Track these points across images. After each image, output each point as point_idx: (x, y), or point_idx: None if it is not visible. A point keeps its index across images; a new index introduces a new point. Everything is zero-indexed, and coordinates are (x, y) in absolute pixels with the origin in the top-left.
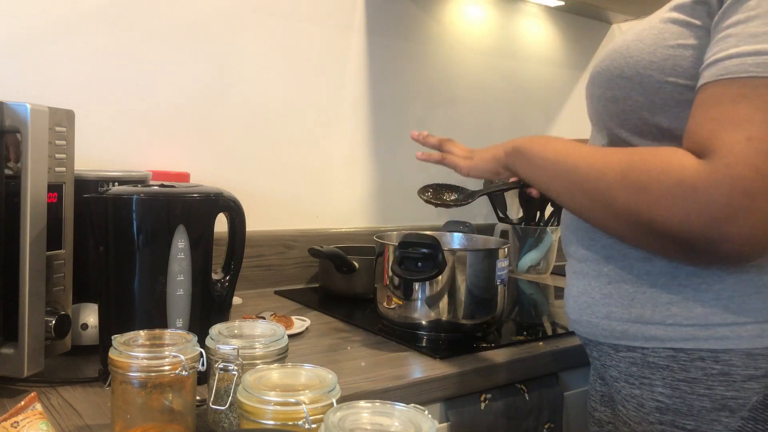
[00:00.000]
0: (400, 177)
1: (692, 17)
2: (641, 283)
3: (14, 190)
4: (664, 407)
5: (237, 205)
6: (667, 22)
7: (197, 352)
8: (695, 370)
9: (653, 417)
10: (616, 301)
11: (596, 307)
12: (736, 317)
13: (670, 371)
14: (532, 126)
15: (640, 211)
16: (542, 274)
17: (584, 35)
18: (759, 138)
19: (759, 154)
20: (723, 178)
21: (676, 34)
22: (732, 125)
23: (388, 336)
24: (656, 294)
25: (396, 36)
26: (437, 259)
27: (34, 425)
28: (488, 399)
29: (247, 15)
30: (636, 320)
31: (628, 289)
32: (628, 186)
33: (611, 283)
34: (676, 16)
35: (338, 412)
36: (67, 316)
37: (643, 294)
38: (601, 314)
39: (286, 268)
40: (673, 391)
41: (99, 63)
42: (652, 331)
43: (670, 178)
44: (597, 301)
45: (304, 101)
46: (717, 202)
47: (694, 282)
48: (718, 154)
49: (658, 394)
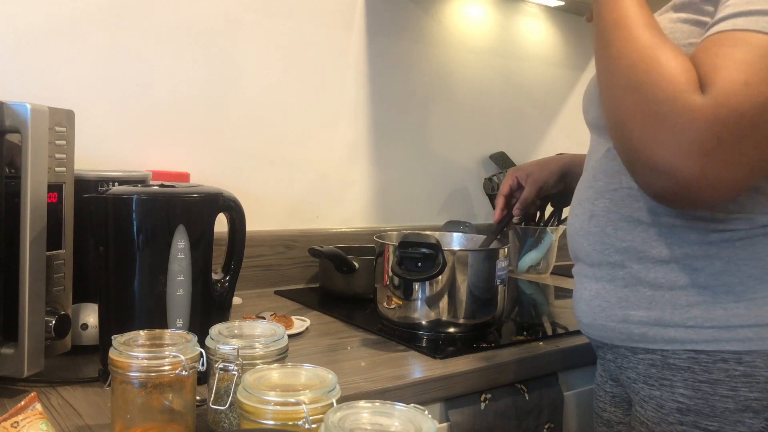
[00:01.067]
0: (400, 177)
1: (702, 15)
2: (659, 286)
3: (14, 190)
4: (685, 408)
5: (237, 205)
6: (677, 22)
7: (197, 352)
8: (717, 371)
9: (673, 417)
10: (633, 304)
11: (612, 310)
12: (758, 319)
13: (691, 372)
14: (532, 126)
15: (631, 112)
16: (542, 274)
17: (584, 35)
18: (755, 84)
19: (751, 100)
20: (713, 114)
21: (687, 33)
22: (733, 65)
23: (388, 336)
24: (675, 296)
25: (396, 36)
26: (437, 259)
27: (34, 425)
28: (488, 399)
29: (247, 15)
30: (655, 323)
31: (645, 292)
32: (630, 82)
33: (627, 286)
34: (686, 16)
35: (338, 412)
36: (67, 316)
37: (662, 297)
38: (618, 317)
39: (286, 268)
40: (695, 392)
41: (99, 63)
42: (672, 334)
43: (667, 95)
44: (612, 304)
45: (304, 101)
46: (701, 131)
47: (714, 284)
48: (715, 91)
49: (679, 395)
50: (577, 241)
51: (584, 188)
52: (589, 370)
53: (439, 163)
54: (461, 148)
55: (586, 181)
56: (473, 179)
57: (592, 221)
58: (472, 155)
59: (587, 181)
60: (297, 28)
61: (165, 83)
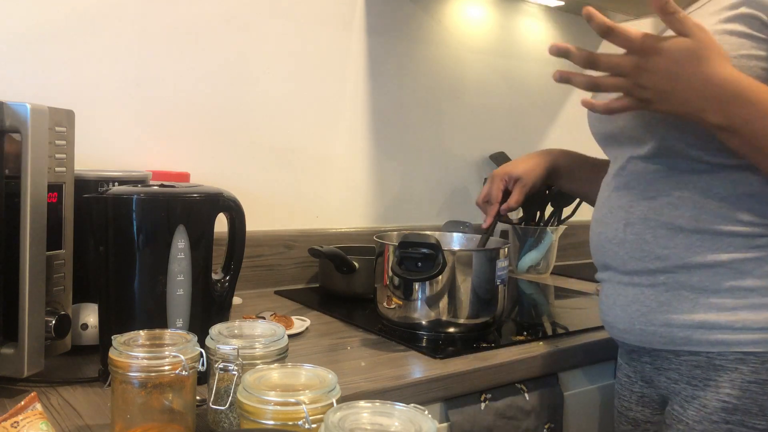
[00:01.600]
0: (400, 177)
1: (752, 29)
2: (703, 289)
3: (14, 190)
4: (732, 407)
5: (237, 205)
6: (725, 34)
7: (197, 352)
8: (766, 372)
9: (717, 416)
10: (676, 308)
11: (652, 315)
12: None
13: (739, 373)
14: (532, 126)
15: None
16: (542, 274)
17: (584, 35)
18: None
19: None
20: None
21: (737, 45)
22: None
23: (388, 336)
24: (721, 300)
25: (396, 36)
26: (437, 259)
27: (34, 425)
28: (488, 399)
29: (247, 16)
30: (699, 326)
31: (688, 296)
32: None
33: (669, 291)
34: (735, 27)
35: (338, 412)
36: (67, 316)
37: (706, 300)
38: (659, 322)
39: (286, 268)
40: (743, 393)
41: (99, 63)
42: (718, 336)
43: None
44: (653, 309)
45: (304, 101)
46: None
47: (761, 286)
48: None
49: (725, 395)
50: (609, 249)
51: (613, 197)
52: (589, 370)
53: (439, 163)
54: (461, 148)
55: (614, 190)
56: (473, 179)
57: (628, 229)
58: (472, 155)
59: (615, 190)
60: (297, 29)
61: (165, 83)
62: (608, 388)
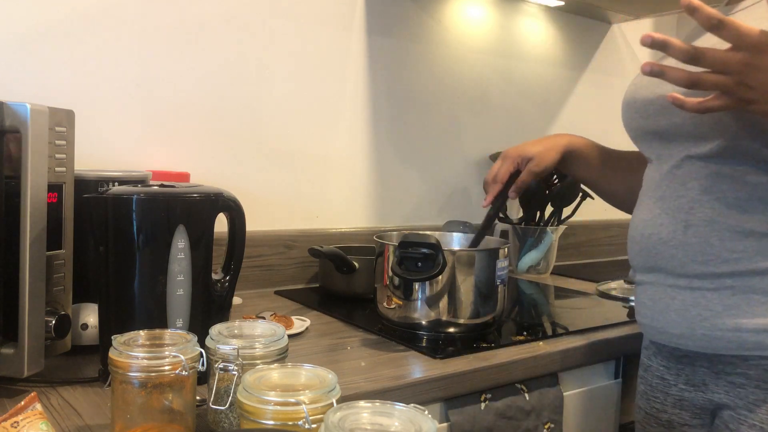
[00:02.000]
0: (400, 177)
1: None
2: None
3: (14, 190)
4: None
5: (237, 205)
6: None
7: (197, 352)
8: None
9: None
10: (746, 312)
11: (716, 319)
12: None
13: None
14: (532, 126)
15: None
16: (542, 274)
17: (584, 35)
18: None
19: None
20: None
21: None
22: None
23: (388, 336)
24: None
25: (396, 36)
26: (437, 259)
27: (34, 425)
28: (488, 399)
29: (247, 16)
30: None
31: (759, 299)
32: None
33: (736, 294)
34: None
35: (338, 412)
36: (67, 316)
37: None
38: (726, 326)
39: (286, 268)
40: None
41: (99, 63)
42: None
43: None
44: (718, 313)
45: (304, 101)
46: None
47: None
48: None
49: None
50: (663, 251)
51: (668, 197)
52: (589, 370)
53: (439, 163)
54: (461, 148)
55: (668, 190)
56: (473, 179)
57: (689, 231)
58: (472, 155)
59: (669, 190)
60: (297, 29)
61: (165, 83)
62: (608, 388)
